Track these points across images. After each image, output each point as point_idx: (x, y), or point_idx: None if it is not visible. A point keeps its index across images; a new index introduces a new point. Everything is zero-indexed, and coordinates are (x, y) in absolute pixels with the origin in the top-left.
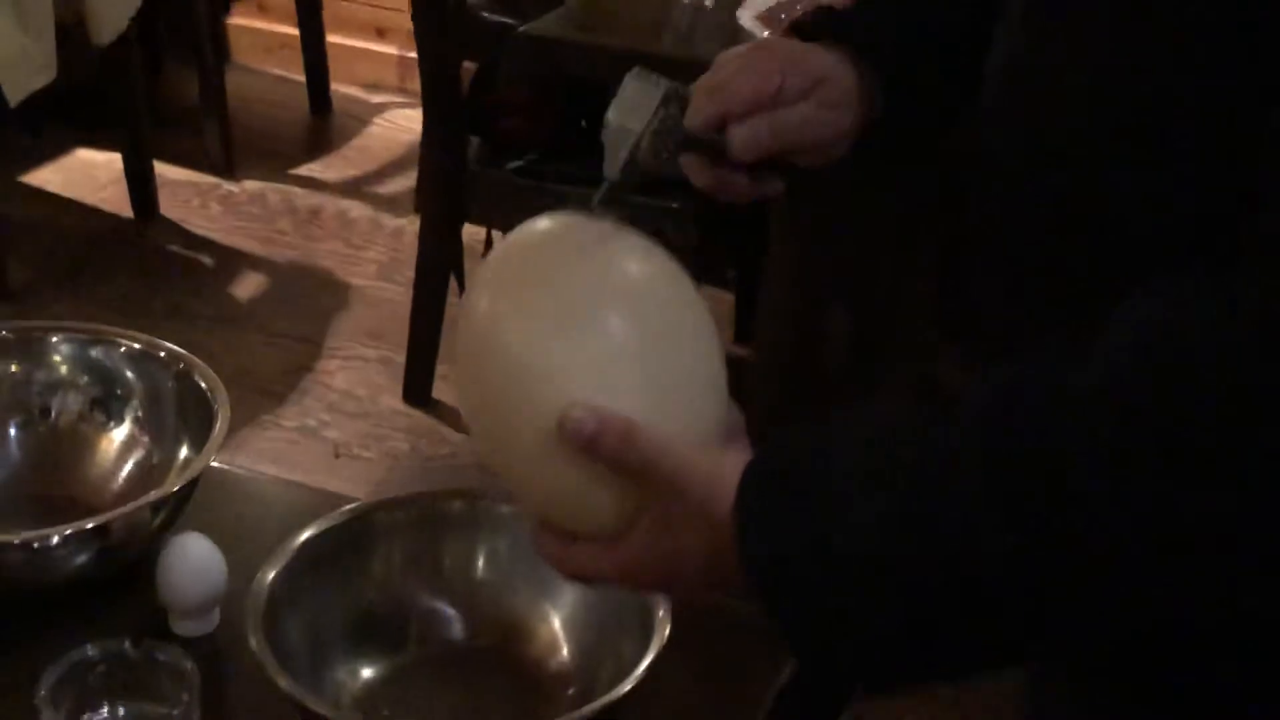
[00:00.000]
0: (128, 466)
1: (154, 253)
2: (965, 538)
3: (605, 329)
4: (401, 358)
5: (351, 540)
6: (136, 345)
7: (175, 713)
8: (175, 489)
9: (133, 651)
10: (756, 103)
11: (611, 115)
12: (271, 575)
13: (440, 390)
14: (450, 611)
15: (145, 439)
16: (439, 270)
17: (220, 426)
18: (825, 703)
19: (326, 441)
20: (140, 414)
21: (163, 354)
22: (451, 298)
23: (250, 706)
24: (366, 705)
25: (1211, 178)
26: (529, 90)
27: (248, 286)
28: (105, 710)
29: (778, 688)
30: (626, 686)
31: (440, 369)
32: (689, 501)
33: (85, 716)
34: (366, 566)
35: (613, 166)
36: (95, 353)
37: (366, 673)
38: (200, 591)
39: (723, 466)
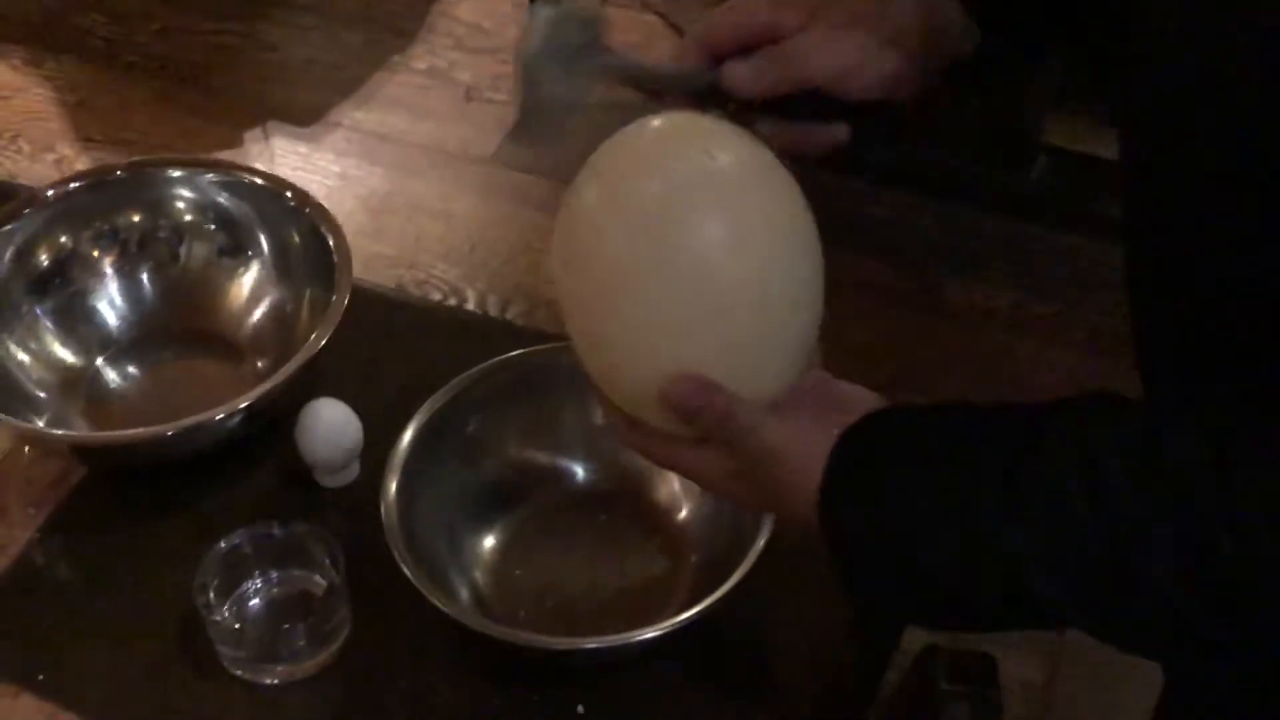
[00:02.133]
0: (261, 307)
1: None
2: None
3: (706, 272)
4: None
5: (473, 404)
6: (260, 182)
7: (321, 578)
8: (311, 355)
9: (280, 532)
10: (744, 33)
11: (515, 49)
12: (399, 454)
13: None
14: (574, 464)
15: (273, 282)
16: None
17: (342, 287)
18: None
19: (457, 84)
20: (268, 259)
21: (289, 194)
22: None
23: (390, 559)
24: (499, 568)
25: None
26: None
27: None
28: (259, 580)
29: None
30: (748, 565)
31: None
32: (766, 478)
33: (240, 589)
34: (489, 428)
35: (517, 97)
36: (220, 197)
37: (498, 532)
38: (338, 453)
39: (804, 452)
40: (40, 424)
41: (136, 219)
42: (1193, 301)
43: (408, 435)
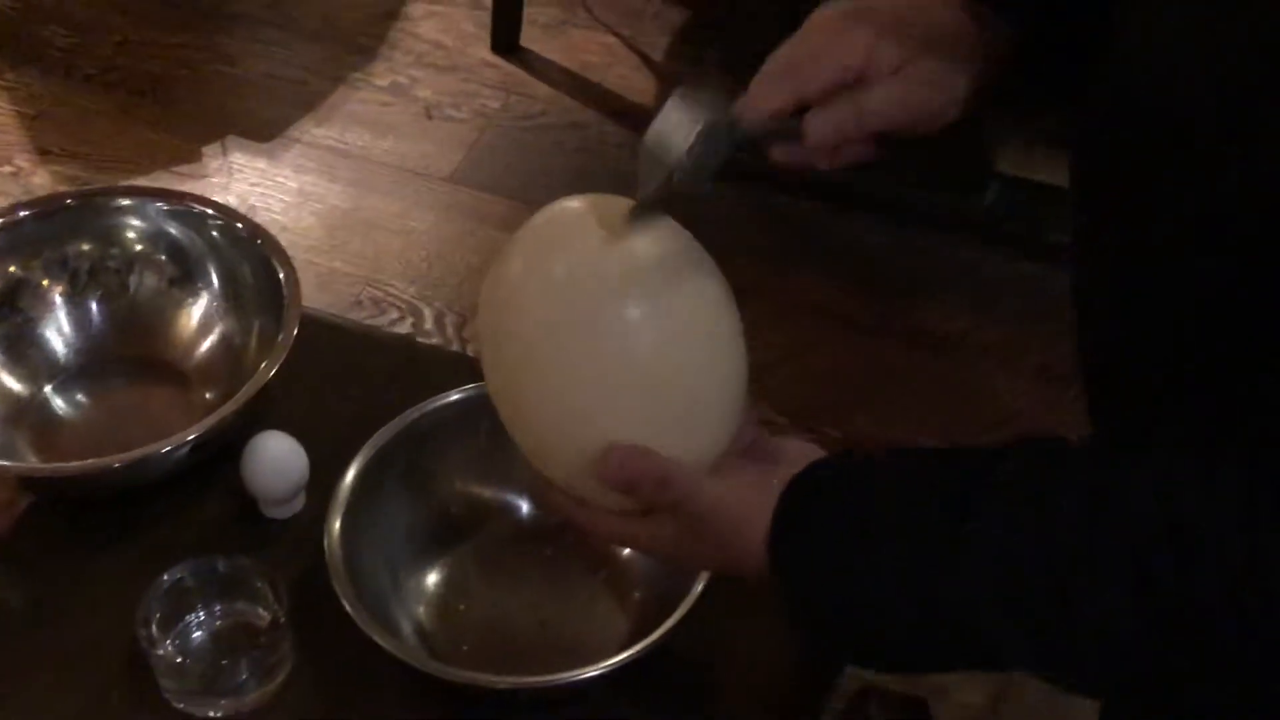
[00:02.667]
0: (210, 338)
1: None
2: (983, 629)
3: (631, 345)
4: None
5: (419, 438)
6: (210, 212)
7: (265, 612)
8: (259, 388)
9: (224, 566)
10: (838, 84)
11: (648, 138)
12: (345, 487)
13: (529, 37)
14: (520, 499)
15: (223, 313)
16: None
17: (291, 320)
18: None
19: (417, 101)
20: (217, 290)
21: (240, 225)
22: None
23: (330, 586)
24: (443, 602)
25: None
26: None
27: None
28: (202, 613)
29: None
30: (691, 600)
31: (528, 12)
32: (714, 536)
33: (183, 622)
34: (435, 463)
35: (646, 186)
36: (170, 227)
37: (443, 567)
38: (283, 485)
39: (749, 506)
40: None
41: (86, 248)
42: (1139, 326)
43: (354, 469)
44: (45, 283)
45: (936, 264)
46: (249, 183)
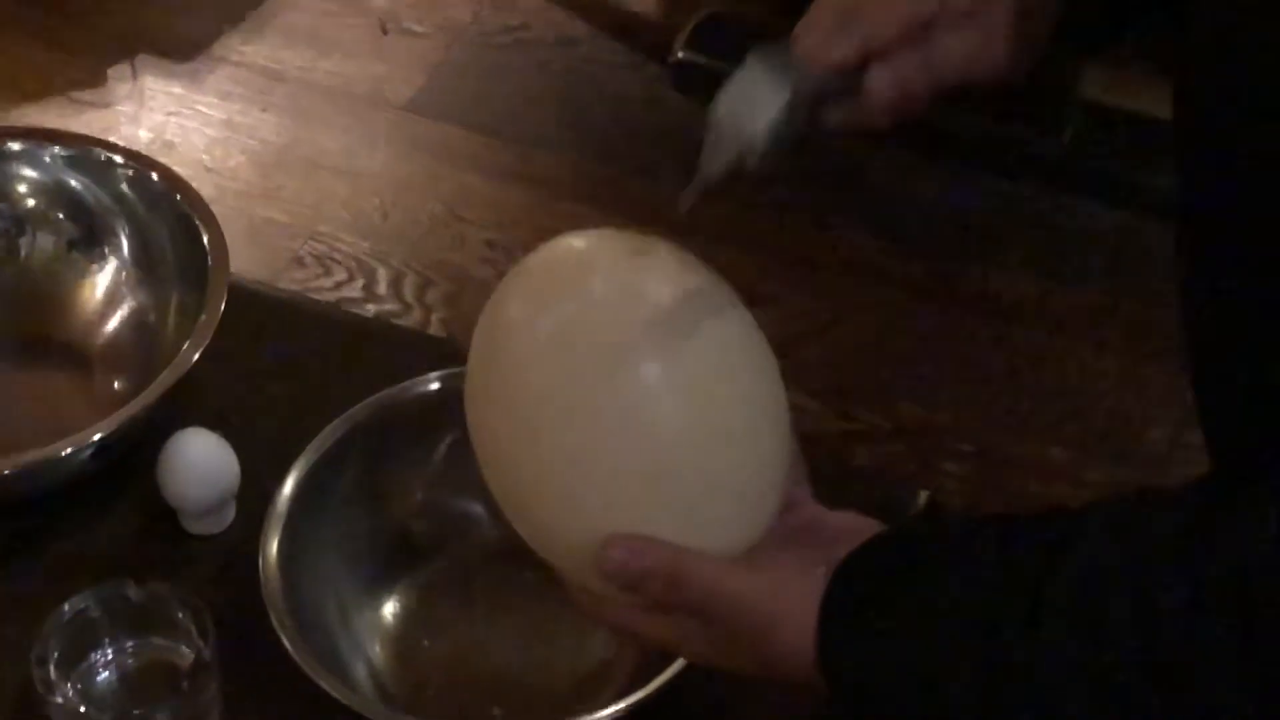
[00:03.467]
0: (118, 314)
1: None
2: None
3: (646, 414)
4: None
5: (374, 437)
6: (119, 159)
7: (187, 649)
8: (179, 376)
9: (137, 594)
10: (909, 31)
11: (723, 106)
12: (284, 497)
13: None
14: (485, 512)
15: (134, 284)
16: None
17: (216, 291)
18: None
19: (370, 11)
20: (128, 255)
21: (155, 175)
22: None
23: (266, 618)
24: (404, 637)
25: None
26: None
27: None
28: (110, 650)
29: None
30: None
31: None
32: (747, 637)
33: (87, 661)
34: (393, 468)
35: (712, 164)
36: (70, 178)
37: (403, 593)
38: (209, 494)
39: (790, 599)
40: None
41: None
42: (1263, 323)
43: (294, 474)
44: None
45: (1001, 214)
46: (164, 112)
